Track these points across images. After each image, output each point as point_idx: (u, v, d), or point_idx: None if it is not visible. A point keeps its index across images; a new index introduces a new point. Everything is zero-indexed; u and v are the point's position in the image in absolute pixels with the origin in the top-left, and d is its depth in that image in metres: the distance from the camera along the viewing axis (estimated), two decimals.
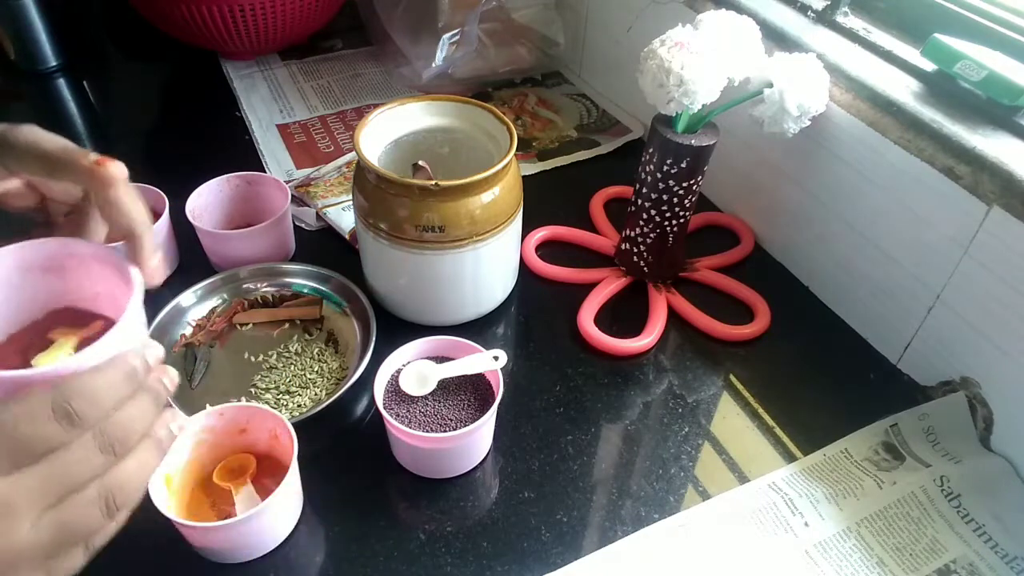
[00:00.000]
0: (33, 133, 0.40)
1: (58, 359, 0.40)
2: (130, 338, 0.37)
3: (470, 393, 0.59)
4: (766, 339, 0.69)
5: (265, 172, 0.86)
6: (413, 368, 0.59)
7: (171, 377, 0.36)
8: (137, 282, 0.39)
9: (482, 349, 0.59)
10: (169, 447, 0.36)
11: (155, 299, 0.68)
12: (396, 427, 0.53)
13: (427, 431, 0.55)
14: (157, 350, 0.36)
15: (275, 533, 0.52)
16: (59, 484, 0.32)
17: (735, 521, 0.55)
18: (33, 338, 0.43)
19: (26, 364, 0.40)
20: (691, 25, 0.62)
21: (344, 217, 0.77)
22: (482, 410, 0.57)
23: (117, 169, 0.39)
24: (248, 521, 0.48)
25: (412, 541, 0.53)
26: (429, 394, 0.58)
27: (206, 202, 0.73)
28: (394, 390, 0.58)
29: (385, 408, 0.55)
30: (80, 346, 0.42)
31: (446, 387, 0.59)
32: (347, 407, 0.62)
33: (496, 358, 0.58)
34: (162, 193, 0.72)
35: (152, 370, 0.35)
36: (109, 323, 0.43)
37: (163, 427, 0.36)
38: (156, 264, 0.40)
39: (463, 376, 0.59)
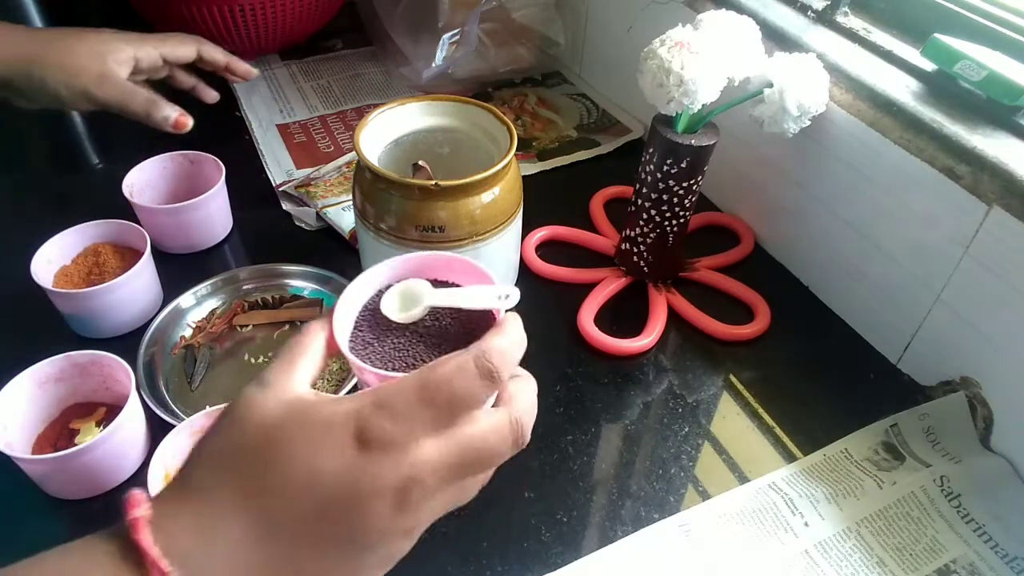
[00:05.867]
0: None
1: (92, 434, 0.53)
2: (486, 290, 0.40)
3: (460, 339, 0.41)
4: (766, 339, 0.69)
5: (265, 172, 0.86)
6: (402, 287, 0.42)
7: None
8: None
9: (493, 279, 0.41)
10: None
11: (155, 300, 0.68)
12: (362, 366, 0.38)
13: (391, 369, 0.38)
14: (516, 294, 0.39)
15: None
16: (475, 456, 0.35)
17: (735, 521, 0.55)
18: (59, 431, 0.56)
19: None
20: (691, 25, 0.62)
21: (344, 217, 0.77)
22: None
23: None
24: None
25: None
26: (411, 325, 0.41)
27: (148, 177, 0.76)
28: (370, 314, 0.41)
29: (351, 339, 0.40)
30: (97, 426, 0.56)
31: (435, 319, 0.42)
32: None
33: (507, 296, 0.40)
34: (218, 160, 0.76)
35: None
36: (111, 408, 0.58)
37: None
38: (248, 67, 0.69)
39: (459, 313, 0.42)
